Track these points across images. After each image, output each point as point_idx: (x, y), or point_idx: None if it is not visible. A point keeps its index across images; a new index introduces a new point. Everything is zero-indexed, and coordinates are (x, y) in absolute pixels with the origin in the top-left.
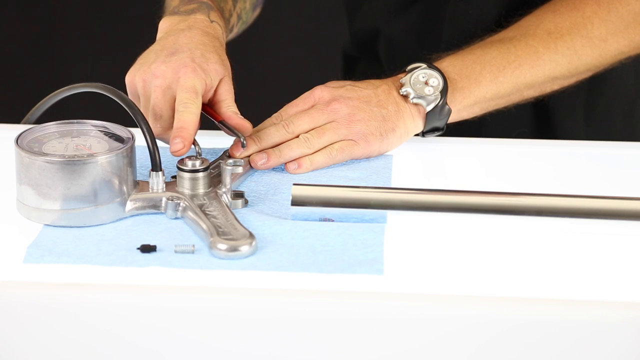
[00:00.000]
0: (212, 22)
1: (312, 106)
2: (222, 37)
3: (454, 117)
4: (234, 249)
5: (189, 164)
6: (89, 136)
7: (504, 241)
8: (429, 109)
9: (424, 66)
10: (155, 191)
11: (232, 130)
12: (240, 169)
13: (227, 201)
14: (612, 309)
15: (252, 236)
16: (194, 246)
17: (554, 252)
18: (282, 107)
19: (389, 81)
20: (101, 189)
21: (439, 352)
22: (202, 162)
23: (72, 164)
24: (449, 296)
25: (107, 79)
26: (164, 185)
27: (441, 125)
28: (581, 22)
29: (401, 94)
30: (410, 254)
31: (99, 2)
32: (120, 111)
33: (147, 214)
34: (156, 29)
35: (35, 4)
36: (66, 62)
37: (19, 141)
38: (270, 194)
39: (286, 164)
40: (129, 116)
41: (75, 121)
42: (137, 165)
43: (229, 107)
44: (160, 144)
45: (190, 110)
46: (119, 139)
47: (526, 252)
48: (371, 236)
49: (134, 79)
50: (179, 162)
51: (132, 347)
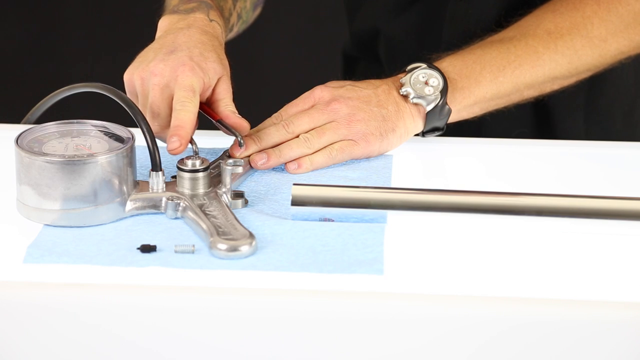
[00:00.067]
0: (211, 21)
1: (312, 106)
2: (222, 37)
3: (454, 117)
4: (234, 249)
5: (189, 164)
6: (89, 136)
7: (504, 241)
8: (429, 108)
9: (424, 66)
10: (155, 191)
11: (229, 129)
12: (240, 169)
13: (227, 201)
14: (612, 309)
15: (252, 236)
16: (194, 246)
17: (554, 252)
18: (282, 107)
19: (389, 81)
20: (101, 189)
21: (439, 352)
22: (202, 162)
23: (72, 164)
24: (449, 296)
25: (107, 79)
26: (164, 185)
27: (441, 125)
28: (581, 22)
29: (401, 94)
30: (410, 254)
31: (99, 2)
32: (120, 111)
33: (147, 214)
34: (156, 29)
35: (35, 4)
36: (66, 62)
37: (19, 141)
38: (270, 194)
39: (286, 164)
40: (129, 116)
41: (75, 121)
42: (137, 165)
43: (226, 106)
44: (160, 143)
45: (187, 108)
46: (119, 139)
47: (526, 252)
48: (371, 236)
49: (132, 76)
50: (179, 162)
51: (132, 347)
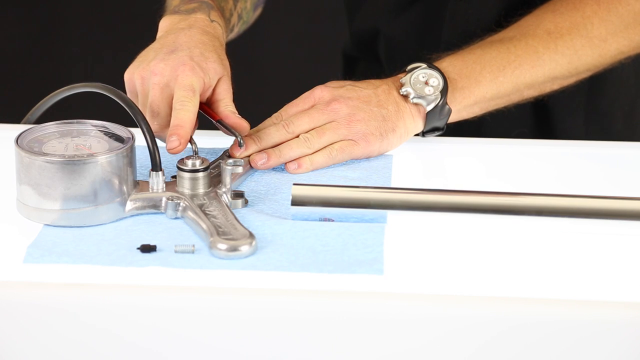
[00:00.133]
0: (212, 21)
1: (312, 106)
2: (222, 37)
3: (454, 117)
4: (234, 249)
5: (189, 164)
6: (89, 136)
7: (504, 241)
8: (429, 108)
9: (424, 66)
10: (155, 191)
11: (229, 129)
12: (240, 169)
13: (227, 201)
14: (612, 309)
15: (252, 236)
16: (194, 246)
17: (554, 252)
18: (282, 107)
19: (389, 81)
20: (101, 189)
21: (439, 352)
22: (202, 162)
23: (72, 164)
24: (449, 296)
25: (107, 79)
26: (164, 185)
27: (441, 125)
28: (581, 22)
29: (401, 93)
30: (410, 254)
31: (99, 2)
32: (120, 111)
33: (147, 213)
34: (156, 29)
35: (35, 4)
36: (66, 62)
37: (19, 141)
38: (270, 194)
39: (286, 164)
40: (129, 116)
41: (75, 121)
42: (137, 165)
43: (226, 106)
44: (160, 143)
45: (187, 108)
46: (119, 139)
47: (526, 252)
48: (371, 236)
49: (133, 76)
50: (179, 162)
51: (132, 347)
